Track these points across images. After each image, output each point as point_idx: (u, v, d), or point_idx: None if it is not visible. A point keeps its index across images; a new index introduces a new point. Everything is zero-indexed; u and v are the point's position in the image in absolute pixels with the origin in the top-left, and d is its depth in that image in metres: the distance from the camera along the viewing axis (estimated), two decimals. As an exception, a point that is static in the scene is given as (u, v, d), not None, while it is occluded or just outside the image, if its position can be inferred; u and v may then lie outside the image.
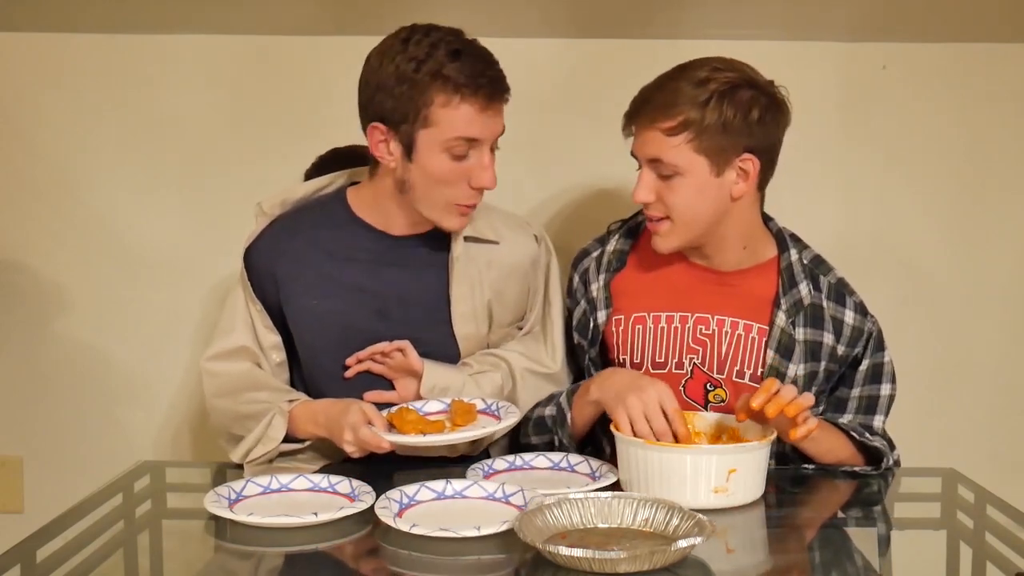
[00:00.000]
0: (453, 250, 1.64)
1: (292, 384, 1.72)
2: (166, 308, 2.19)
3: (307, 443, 1.60)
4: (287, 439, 1.58)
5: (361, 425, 1.47)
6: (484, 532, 1.22)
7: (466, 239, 1.65)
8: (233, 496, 1.37)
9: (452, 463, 1.60)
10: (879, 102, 2.19)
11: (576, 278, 1.75)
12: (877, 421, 1.64)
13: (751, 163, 1.56)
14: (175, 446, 2.24)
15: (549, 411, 1.67)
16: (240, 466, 1.60)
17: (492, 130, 1.56)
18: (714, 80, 1.52)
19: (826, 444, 1.57)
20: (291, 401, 1.61)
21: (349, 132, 1.69)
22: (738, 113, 1.52)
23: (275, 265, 1.66)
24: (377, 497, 1.34)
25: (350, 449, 1.49)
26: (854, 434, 1.57)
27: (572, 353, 1.77)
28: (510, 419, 1.51)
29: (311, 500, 1.38)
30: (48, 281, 2.21)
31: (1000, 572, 1.22)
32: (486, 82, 1.52)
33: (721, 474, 1.35)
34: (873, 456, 1.59)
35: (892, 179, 2.20)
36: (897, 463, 1.64)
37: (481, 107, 1.52)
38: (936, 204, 2.21)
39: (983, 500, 1.48)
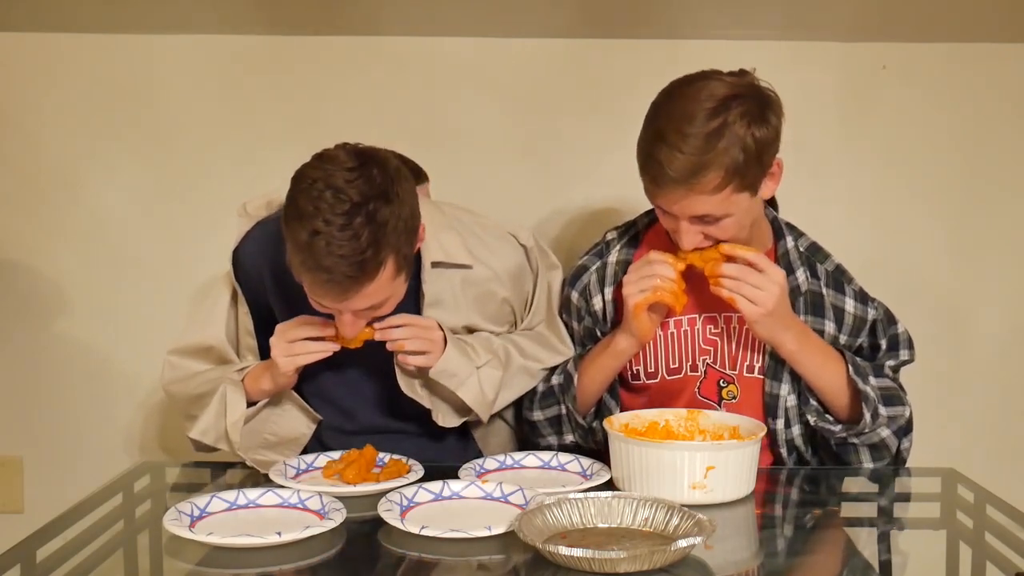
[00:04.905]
0: (422, 276, 1.61)
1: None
2: (166, 309, 2.20)
3: (263, 403, 1.60)
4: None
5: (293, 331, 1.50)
6: (495, 532, 1.22)
7: (434, 265, 1.62)
8: (196, 513, 1.31)
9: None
10: (878, 102, 2.19)
11: (575, 295, 1.72)
12: (890, 362, 1.65)
13: (777, 165, 1.55)
14: (175, 446, 2.24)
15: (556, 379, 1.68)
16: (241, 464, 1.60)
17: (346, 311, 1.47)
18: (729, 111, 1.44)
19: (820, 363, 1.57)
20: (241, 371, 1.60)
21: (351, 133, 1.69)
22: (762, 129, 1.47)
23: (262, 268, 1.65)
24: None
25: (279, 357, 1.50)
26: (850, 369, 1.56)
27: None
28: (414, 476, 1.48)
29: (279, 517, 1.32)
30: (48, 282, 2.22)
31: (1000, 572, 1.22)
32: (325, 287, 1.42)
33: (699, 470, 1.35)
34: (860, 407, 1.57)
35: (891, 179, 2.21)
36: (909, 424, 1.63)
37: (327, 300, 1.45)
38: (935, 204, 2.21)
39: (983, 500, 1.48)
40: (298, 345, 1.52)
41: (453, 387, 1.58)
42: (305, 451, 1.65)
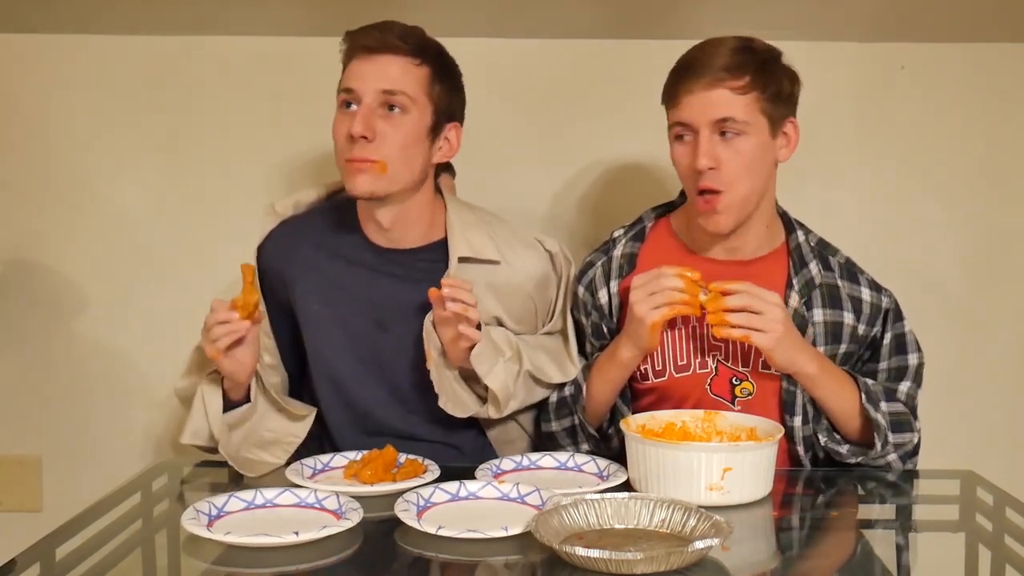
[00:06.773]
0: (449, 270, 1.61)
1: (299, 388, 1.74)
2: (183, 307, 2.19)
3: (252, 405, 1.60)
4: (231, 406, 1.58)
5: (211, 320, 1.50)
6: (512, 532, 1.22)
7: (461, 260, 1.62)
8: (214, 512, 1.31)
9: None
10: (896, 102, 2.18)
11: (581, 290, 1.72)
12: (903, 386, 1.64)
13: (792, 127, 1.60)
14: (192, 446, 2.25)
15: (568, 390, 1.68)
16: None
17: (370, 82, 1.56)
18: (757, 50, 1.56)
19: (836, 388, 1.57)
20: (211, 374, 1.61)
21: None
22: (785, 79, 1.57)
23: (284, 266, 1.67)
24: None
25: (207, 346, 1.51)
26: (863, 396, 1.56)
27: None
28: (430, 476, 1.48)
29: (296, 517, 1.32)
30: (65, 281, 2.23)
31: (1019, 575, 1.22)
32: (371, 32, 1.58)
33: (715, 472, 1.35)
34: (871, 433, 1.57)
35: (909, 180, 2.20)
36: (916, 449, 1.64)
37: (360, 57, 1.57)
38: (952, 205, 2.20)
39: (1002, 502, 1.47)
40: (213, 331, 1.51)
41: (482, 373, 1.57)
42: (321, 452, 1.65)
